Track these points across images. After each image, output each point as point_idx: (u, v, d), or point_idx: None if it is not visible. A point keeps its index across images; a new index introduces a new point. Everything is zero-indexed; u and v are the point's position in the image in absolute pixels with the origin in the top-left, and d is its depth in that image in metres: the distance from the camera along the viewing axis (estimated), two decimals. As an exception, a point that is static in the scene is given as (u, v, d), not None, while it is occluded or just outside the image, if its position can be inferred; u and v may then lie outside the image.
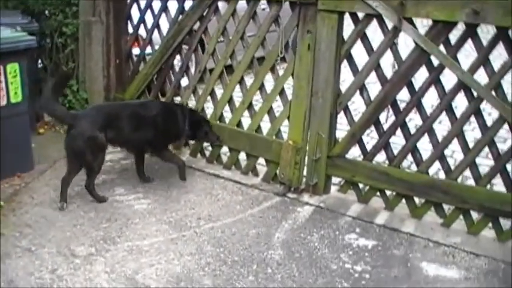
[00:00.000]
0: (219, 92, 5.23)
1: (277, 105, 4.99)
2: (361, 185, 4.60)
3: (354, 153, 4.93)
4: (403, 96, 4.30)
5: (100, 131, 4.26)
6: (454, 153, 5.51)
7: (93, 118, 4.34)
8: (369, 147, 4.54)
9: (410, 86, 4.20)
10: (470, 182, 4.29)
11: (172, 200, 4.53)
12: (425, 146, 4.43)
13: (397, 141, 4.52)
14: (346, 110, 4.54)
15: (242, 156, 5.09)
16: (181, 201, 4.53)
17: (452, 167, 4.24)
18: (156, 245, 3.87)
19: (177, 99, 5.54)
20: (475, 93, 3.95)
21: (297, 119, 4.58)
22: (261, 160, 4.98)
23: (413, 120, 5.34)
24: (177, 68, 5.51)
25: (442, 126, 5.53)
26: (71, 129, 4.25)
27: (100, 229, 4.04)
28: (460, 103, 4.27)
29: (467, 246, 4.01)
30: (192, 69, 5.85)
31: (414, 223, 4.30)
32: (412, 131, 4.34)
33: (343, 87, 4.53)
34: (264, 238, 4.01)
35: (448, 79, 4.18)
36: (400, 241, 4.06)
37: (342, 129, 4.82)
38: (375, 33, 4.61)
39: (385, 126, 4.41)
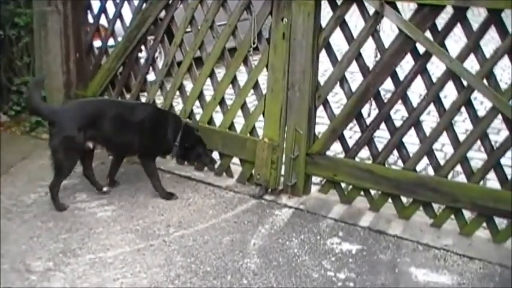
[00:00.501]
0: (188, 86, 5.13)
1: (251, 100, 4.96)
2: (343, 185, 4.55)
3: (336, 149, 4.91)
4: (388, 86, 4.25)
5: (79, 130, 4.24)
6: (444, 146, 5.45)
7: (74, 115, 4.31)
8: (351, 143, 4.48)
9: (395, 76, 4.14)
10: (462, 178, 4.25)
11: (139, 206, 4.47)
12: (412, 140, 4.35)
13: (382, 135, 4.47)
14: (326, 104, 4.48)
15: (215, 156, 4.98)
16: (149, 207, 4.45)
17: (442, 162, 4.18)
18: (121, 256, 3.76)
19: (144, 95, 5.42)
20: (465, 83, 3.87)
21: (273, 115, 4.52)
22: (236, 160, 4.92)
23: (400, 112, 5.25)
24: (142, 61, 5.42)
25: (431, 118, 5.44)
26: (51, 126, 4.30)
27: (59, 241, 3.92)
28: (450, 93, 4.22)
29: (459, 249, 3.96)
30: (159, 62, 5.76)
31: (402, 224, 4.26)
32: (398, 123, 4.28)
33: (323, 79, 4.48)
34: (239, 245, 3.95)
35: (438, 66, 4.16)
36: (386, 245, 4.01)
37: (322, 123, 4.75)
38: (358, 20, 4.59)
39: (368, 120, 4.37)
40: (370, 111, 4.45)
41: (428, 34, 3.92)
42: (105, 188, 4.63)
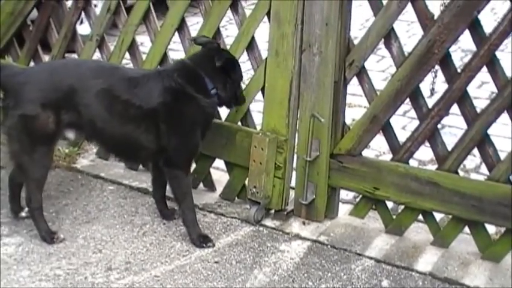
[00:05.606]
0: (144, 44, 5.22)
1: (244, 69, 4.46)
2: (390, 204, 4.24)
3: (379, 148, 4.91)
4: (466, 44, 4.11)
5: (44, 107, 3.84)
6: None
7: (39, 83, 3.92)
8: (403, 137, 4.17)
9: (476, 28, 3.73)
10: None
11: (63, 237, 4.07)
12: (505, 133, 4.33)
13: (455, 125, 4.56)
14: (363, 75, 4.13)
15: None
16: (78, 238, 4.07)
17: None
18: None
19: (73, 56, 5.13)
20: None
21: (278, 92, 4.20)
22: (219, 163, 4.64)
23: (486, 86, 5.19)
24: (69, 3, 5.13)
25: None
26: (6, 97, 4.00)
27: None
28: None
29: None
30: (98, 4, 5.64)
31: (487, 270, 3.84)
32: (482, 105, 3.90)
33: (359, 34, 4.24)
34: (223, 302, 3.66)
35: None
36: (461, 303, 3.72)
37: (357, 105, 4.89)
38: None
39: (431, 101, 3.99)
40: (433, 86, 4.34)
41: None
42: (23, 212, 4.24)
